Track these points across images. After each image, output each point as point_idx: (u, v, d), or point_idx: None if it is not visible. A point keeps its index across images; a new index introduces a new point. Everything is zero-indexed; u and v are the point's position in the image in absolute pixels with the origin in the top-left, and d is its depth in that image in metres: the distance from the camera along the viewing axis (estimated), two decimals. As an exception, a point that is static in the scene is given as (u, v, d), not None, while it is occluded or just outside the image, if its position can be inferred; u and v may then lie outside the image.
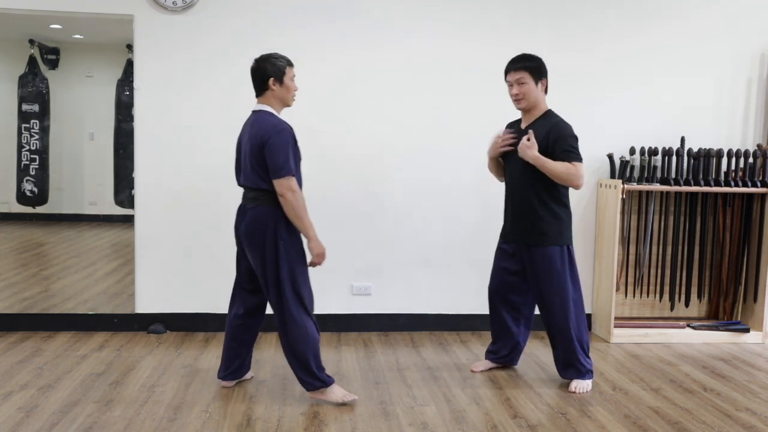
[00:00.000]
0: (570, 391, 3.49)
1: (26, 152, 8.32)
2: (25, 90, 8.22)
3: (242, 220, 3.23)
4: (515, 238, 3.53)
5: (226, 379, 3.45)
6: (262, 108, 3.22)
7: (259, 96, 3.25)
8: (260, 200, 3.15)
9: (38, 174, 8.36)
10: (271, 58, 3.22)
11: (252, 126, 3.18)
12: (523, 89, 3.39)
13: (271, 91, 3.20)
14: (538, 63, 3.42)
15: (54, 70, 8.69)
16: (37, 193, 8.37)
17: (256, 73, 3.22)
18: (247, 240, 3.19)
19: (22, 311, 4.60)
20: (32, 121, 8.28)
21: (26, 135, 8.29)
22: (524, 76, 3.38)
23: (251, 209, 3.18)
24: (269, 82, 3.19)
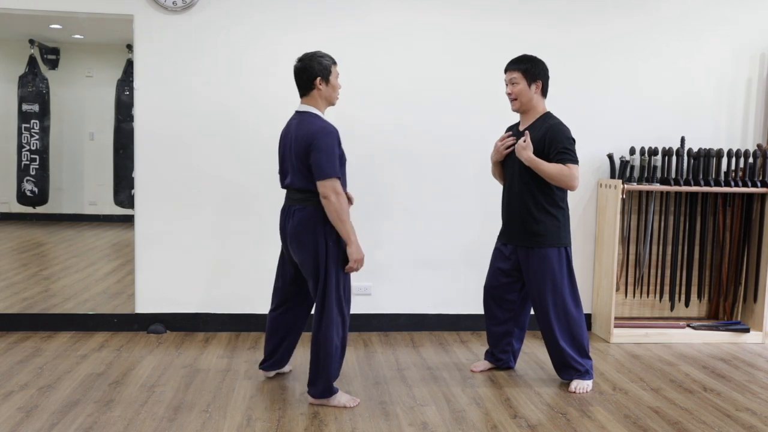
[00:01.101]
0: (570, 391, 3.49)
1: (26, 152, 8.32)
2: (25, 90, 8.22)
3: (288, 220, 3.21)
4: (512, 239, 3.53)
5: (267, 369, 3.55)
6: (308, 109, 3.17)
7: (303, 96, 3.20)
8: (308, 201, 3.12)
9: (38, 174, 8.36)
10: (317, 57, 3.16)
11: (298, 128, 3.13)
12: (515, 89, 3.41)
13: (317, 90, 3.16)
14: (532, 64, 3.41)
15: (54, 70, 8.69)
16: (37, 193, 8.36)
17: (302, 73, 3.15)
18: (295, 240, 3.17)
19: (22, 311, 4.60)
20: (32, 121, 8.28)
21: (26, 135, 8.29)
22: (516, 76, 3.40)
23: (299, 210, 3.14)
24: (316, 81, 3.14)
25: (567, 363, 3.53)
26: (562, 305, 3.46)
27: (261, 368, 3.57)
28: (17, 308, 4.68)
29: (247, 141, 4.36)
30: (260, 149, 4.35)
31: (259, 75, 4.34)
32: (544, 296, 3.46)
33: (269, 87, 4.36)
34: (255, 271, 4.39)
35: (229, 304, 4.44)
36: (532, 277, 3.48)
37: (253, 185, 4.38)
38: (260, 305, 4.38)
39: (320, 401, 3.23)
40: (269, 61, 4.34)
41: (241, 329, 4.43)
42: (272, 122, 4.36)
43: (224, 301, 4.43)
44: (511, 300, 3.66)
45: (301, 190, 3.14)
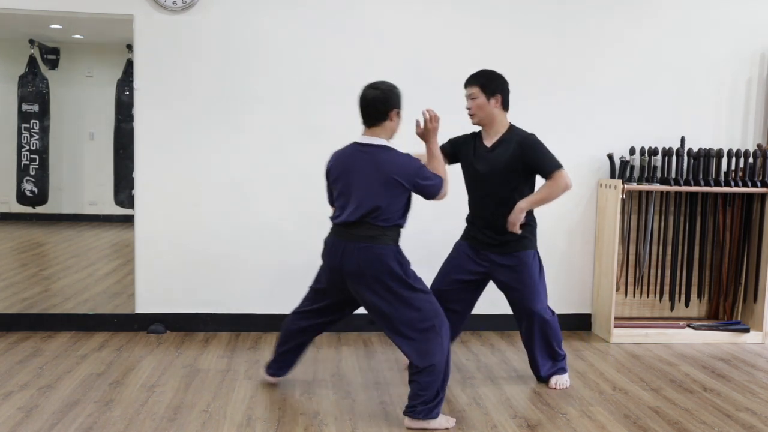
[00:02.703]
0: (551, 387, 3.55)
1: (26, 152, 8.32)
2: (25, 90, 8.22)
3: (347, 259, 3.01)
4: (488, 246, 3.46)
5: (275, 375, 3.49)
6: (377, 141, 3.04)
7: (372, 126, 3.05)
8: (381, 240, 3.00)
9: (38, 174, 8.36)
10: (395, 88, 3.07)
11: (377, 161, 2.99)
12: (474, 104, 3.37)
13: (389, 122, 3.05)
14: (490, 78, 3.37)
15: (54, 70, 8.69)
16: (37, 193, 8.37)
17: (378, 103, 3.01)
18: (359, 280, 3.00)
19: (22, 311, 4.60)
20: (32, 121, 8.28)
21: (26, 135, 8.29)
22: (475, 91, 3.37)
23: (365, 248, 2.98)
24: (392, 113, 3.04)
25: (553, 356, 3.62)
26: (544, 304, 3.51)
27: (268, 374, 3.49)
28: (17, 308, 4.68)
29: (247, 141, 4.36)
30: (260, 149, 4.35)
31: (259, 75, 4.34)
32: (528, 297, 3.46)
33: (269, 87, 4.35)
34: (255, 271, 4.39)
35: (229, 304, 4.44)
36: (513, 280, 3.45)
37: (253, 185, 4.38)
38: (260, 305, 4.38)
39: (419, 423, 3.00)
40: (269, 61, 4.34)
41: (241, 329, 4.43)
42: (272, 122, 4.37)
43: (224, 301, 4.43)
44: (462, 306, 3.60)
45: (376, 227, 2.99)
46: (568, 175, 3.33)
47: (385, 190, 2.97)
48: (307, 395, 3.38)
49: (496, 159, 3.36)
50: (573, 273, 4.66)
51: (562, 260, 4.64)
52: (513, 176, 3.36)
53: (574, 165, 4.58)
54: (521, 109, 4.50)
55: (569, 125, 4.54)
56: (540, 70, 4.51)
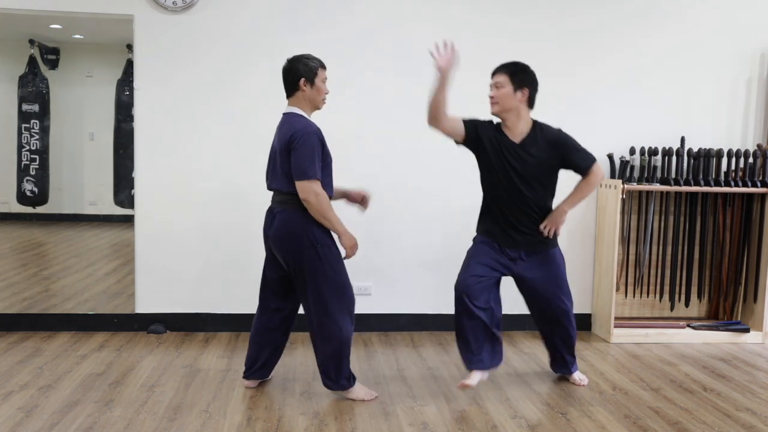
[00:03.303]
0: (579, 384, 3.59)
1: (26, 152, 8.32)
2: (25, 90, 8.22)
3: (271, 224, 3.20)
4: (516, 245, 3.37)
5: (249, 379, 3.45)
6: (292, 110, 3.19)
7: (289, 97, 3.22)
8: (289, 203, 3.12)
9: (38, 174, 8.36)
10: (304, 59, 3.18)
11: (280, 128, 3.17)
12: (499, 93, 3.25)
13: (301, 92, 3.16)
14: (522, 70, 3.28)
15: (54, 70, 8.69)
16: (37, 193, 8.37)
17: (287, 74, 3.18)
18: (278, 244, 3.16)
19: (22, 311, 4.60)
20: (32, 121, 8.28)
21: (26, 135, 8.29)
22: (503, 80, 3.25)
23: (279, 213, 3.15)
24: (300, 82, 3.15)
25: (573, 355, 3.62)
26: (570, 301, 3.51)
27: (245, 378, 3.46)
28: (17, 308, 4.68)
29: (247, 141, 4.36)
30: (260, 149, 4.32)
31: (259, 75, 4.34)
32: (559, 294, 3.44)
33: (269, 87, 4.35)
34: (255, 271, 4.36)
35: (229, 304, 4.44)
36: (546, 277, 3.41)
37: (253, 185, 4.36)
38: (260, 305, 4.38)
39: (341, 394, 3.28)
40: (269, 61, 4.33)
41: (241, 329, 4.43)
42: (272, 122, 4.35)
43: (224, 301, 4.43)
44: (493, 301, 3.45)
45: (283, 192, 3.14)
46: (600, 166, 3.31)
47: (282, 156, 3.08)
48: (307, 395, 3.38)
49: (529, 157, 3.25)
50: (573, 273, 4.64)
51: (562, 260, 4.64)
52: (547, 175, 3.30)
53: (574, 165, 4.59)
54: (521, 109, 4.52)
55: (569, 125, 4.48)
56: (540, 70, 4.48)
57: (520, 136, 3.29)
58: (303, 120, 3.13)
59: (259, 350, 3.42)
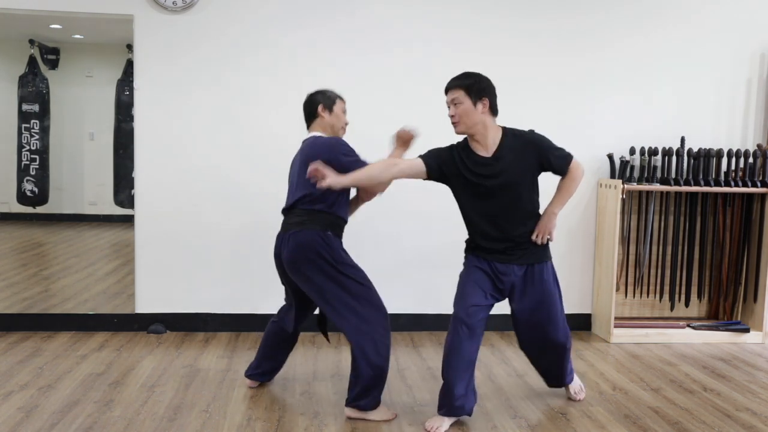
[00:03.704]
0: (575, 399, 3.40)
1: (26, 152, 8.32)
2: (25, 90, 8.22)
3: (283, 246, 3.13)
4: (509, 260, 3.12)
5: (252, 378, 3.46)
6: (314, 134, 3.25)
7: (309, 126, 3.30)
8: (307, 225, 3.07)
9: (38, 174, 8.36)
10: (322, 91, 3.31)
11: (305, 150, 3.17)
12: (459, 110, 3.00)
13: (320, 118, 3.24)
14: (476, 80, 3.01)
15: (54, 70, 8.69)
16: (37, 193, 8.37)
17: (307, 105, 3.29)
18: (292, 268, 3.10)
19: (22, 311, 4.60)
20: (32, 121, 8.28)
21: (26, 135, 8.29)
22: (459, 95, 2.99)
23: (294, 234, 3.08)
24: (318, 108, 3.24)
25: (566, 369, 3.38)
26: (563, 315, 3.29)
27: (248, 377, 3.48)
28: (17, 308, 4.68)
29: (247, 140, 4.36)
30: (260, 149, 4.35)
31: (259, 75, 4.34)
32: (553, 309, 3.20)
33: (269, 87, 4.36)
34: (255, 271, 4.39)
35: (229, 304, 4.44)
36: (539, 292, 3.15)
37: (253, 185, 4.38)
38: (260, 305, 4.38)
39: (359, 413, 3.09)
40: (269, 61, 4.35)
41: (241, 329, 4.43)
42: (272, 122, 4.37)
43: (224, 301, 4.43)
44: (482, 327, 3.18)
45: (303, 211, 3.10)
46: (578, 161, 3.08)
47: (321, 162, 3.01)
48: (307, 395, 3.38)
49: (505, 166, 3.01)
50: (573, 273, 4.66)
51: (562, 260, 4.63)
52: (526, 181, 3.06)
53: (574, 165, 4.59)
54: (521, 110, 4.51)
55: (569, 125, 4.53)
56: (540, 70, 4.51)
57: (491, 148, 3.04)
58: (328, 137, 3.22)
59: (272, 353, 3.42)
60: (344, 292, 3.06)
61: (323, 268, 3.05)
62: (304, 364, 3.83)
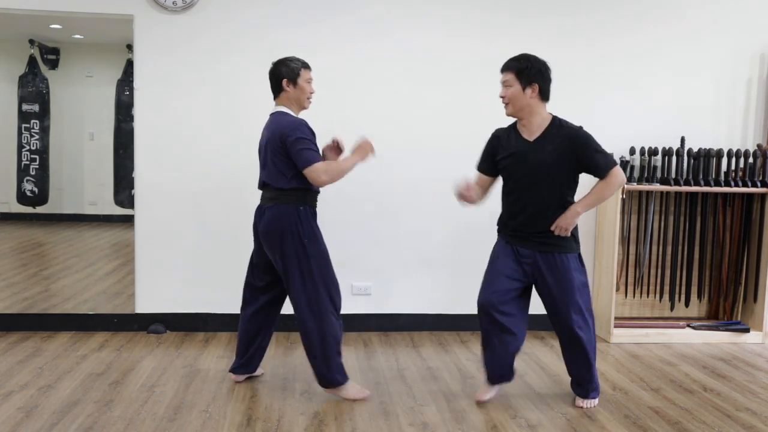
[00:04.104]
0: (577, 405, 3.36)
1: (26, 152, 8.32)
2: (25, 90, 8.22)
3: (260, 220, 3.29)
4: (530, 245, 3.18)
5: (236, 373, 3.50)
6: (278, 109, 3.29)
7: (275, 98, 3.32)
8: (280, 199, 3.20)
9: (38, 174, 8.36)
10: (286, 61, 3.28)
11: (269, 127, 3.25)
12: (508, 93, 3.10)
13: (285, 92, 3.26)
14: (528, 65, 3.08)
15: (54, 70, 8.68)
16: (37, 193, 8.36)
17: (271, 76, 3.29)
18: (267, 239, 3.23)
19: (22, 311, 4.60)
20: (32, 121, 8.28)
21: (26, 135, 8.29)
22: (510, 78, 3.09)
23: (269, 208, 3.23)
24: (283, 83, 3.25)
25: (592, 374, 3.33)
26: None
27: (231, 371, 3.53)
28: (17, 308, 4.68)
29: (246, 140, 4.34)
30: (260, 149, 4.35)
31: (258, 74, 4.32)
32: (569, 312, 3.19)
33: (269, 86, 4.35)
34: (255, 271, 4.39)
35: (229, 304, 4.42)
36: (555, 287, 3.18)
37: (252, 185, 4.33)
38: (260, 305, 4.38)
39: (331, 390, 3.30)
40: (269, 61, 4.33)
41: (241, 329, 4.43)
42: (272, 122, 4.37)
43: (224, 301, 4.43)
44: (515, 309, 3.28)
45: (274, 188, 3.20)
46: (620, 170, 3.10)
47: (279, 151, 3.14)
48: (307, 395, 3.38)
49: (541, 154, 3.08)
50: (573, 273, 4.66)
51: (562, 260, 4.64)
52: (560, 173, 3.10)
53: (574, 165, 4.59)
54: (521, 109, 4.51)
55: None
56: (540, 70, 4.51)
57: (535, 134, 3.13)
58: (289, 116, 3.23)
59: (246, 340, 3.48)
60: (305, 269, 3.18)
61: (293, 241, 3.16)
62: (304, 364, 3.82)
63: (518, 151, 3.14)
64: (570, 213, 3.11)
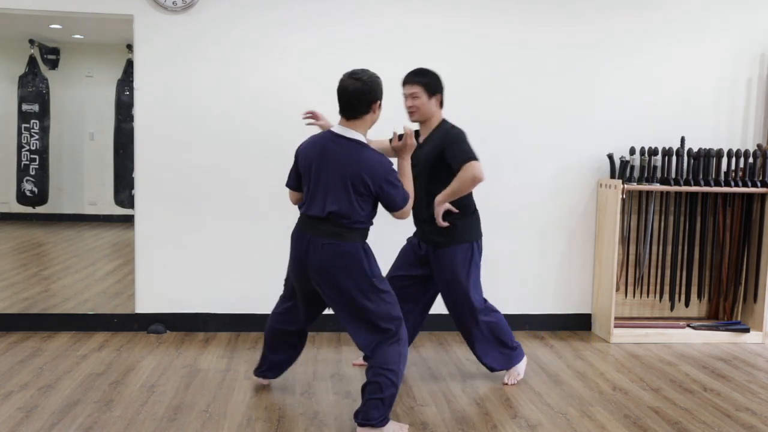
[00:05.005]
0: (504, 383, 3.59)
1: (26, 152, 8.32)
2: (25, 90, 8.22)
3: (313, 253, 2.89)
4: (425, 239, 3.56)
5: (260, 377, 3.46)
6: (354, 136, 2.87)
7: (351, 118, 2.87)
8: (345, 237, 2.86)
9: (38, 174, 8.36)
10: (378, 79, 2.88)
11: (348, 156, 2.83)
12: (416, 103, 3.42)
13: (371, 114, 2.89)
14: (432, 79, 3.44)
15: (54, 70, 8.69)
16: (37, 193, 8.36)
17: (361, 95, 2.82)
18: (321, 276, 2.89)
19: (22, 311, 4.60)
20: (32, 121, 8.28)
21: (26, 135, 8.29)
22: (418, 91, 3.41)
23: (330, 245, 2.85)
24: (374, 105, 2.87)
25: None
26: None
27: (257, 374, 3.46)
28: (17, 308, 4.68)
29: (247, 141, 4.36)
30: (260, 149, 4.35)
31: (259, 75, 4.34)
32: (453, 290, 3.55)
33: (269, 87, 4.36)
34: (255, 271, 4.39)
35: (229, 304, 4.44)
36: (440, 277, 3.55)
37: (253, 185, 4.38)
38: (260, 305, 4.37)
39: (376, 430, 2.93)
40: (269, 61, 4.34)
41: (241, 329, 4.43)
42: (272, 122, 4.36)
43: (224, 301, 4.43)
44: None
45: (341, 225, 2.85)
46: (479, 167, 3.26)
47: (353, 189, 2.81)
48: (307, 395, 3.38)
49: (425, 154, 3.42)
50: (573, 273, 4.66)
51: (562, 260, 4.64)
52: (437, 170, 3.39)
53: (574, 165, 4.59)
54: (521, 110, 4.51)
55: (569, 125, 4.54)
56: (540, 70, 4.51)
57: (425, 134, 3.50)
58: (374, 152, 2.87)
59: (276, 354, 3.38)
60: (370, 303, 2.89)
61: (359, 280, 2.87)
62: (304, 364, 3.83)
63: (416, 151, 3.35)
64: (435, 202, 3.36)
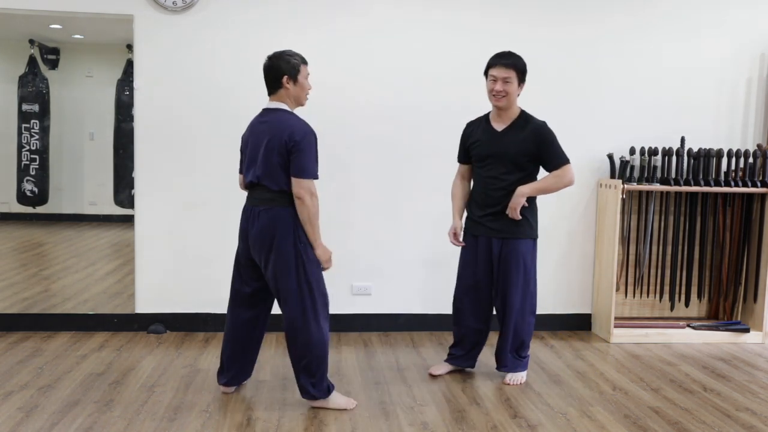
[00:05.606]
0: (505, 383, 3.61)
1: (26, 152, 8.31)
2: (25, 90, 8.22)
3: (252, 222, 3.12)
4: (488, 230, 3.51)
5: (227, 386, 3.36)
6: (279, 106, 3.13)
7: (272, 94, 3.16)
8: (277, 201, 3.05)
9: (38, 174, 8.36)
10: (285, 56, 3.13)
11: (272, 124, 3.06)
12: (508, 88, 3.35)
13: (284, 89, 3.11)
14: (524, 65, 3.42)
15: (54, 70, 8.68)
16: (37, 193, 8.36)
17: (269, 71, 3.12)
18: (260, 243, 3.07)
19: (22, 311, 4.60)
20: (32, 121, 8.27)
21: (26, 135, 8.28)
22: (511, 75, 3.35)
23: (265, 211, 3.06)
24: (283, 80, 3.10)
25: None
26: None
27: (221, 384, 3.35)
28: (17, 308, 4.68)
29: (247, 141, 4.36)
30: (260, 149, 4.35)
31: (259, 75, 4.31)
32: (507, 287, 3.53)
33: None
34: (255, 271, 4.38)
35: (229, 304, 4.43)
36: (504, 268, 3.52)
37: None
38: (260, 305, 4.38)
39: (321, 403, 3.18)
40: (269, 61, 4.34)
41: (241, 329, 4.42)
42: (272, 122, 4.36)
43: (224, 301, 4.40)
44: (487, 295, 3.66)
45: (272, 189, 3.05)
46: (573, 171, 3.39)
47: (278, 152, 3.00)
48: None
49: (506, 143, 3.39)
50: (573, 273, 4.66)
51: (562, 260, 4.64)
52: (521, 162, 3.38)
53: (574, 165, 4.55)
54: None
55: (569, 125, 4.53)
56: (540, 70, 4.50)
57: (503, 125, 3.44)
58: (297, 118, 3.09)
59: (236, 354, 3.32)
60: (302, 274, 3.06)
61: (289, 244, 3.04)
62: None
63: (486, 139, 3.47)
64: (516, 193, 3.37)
